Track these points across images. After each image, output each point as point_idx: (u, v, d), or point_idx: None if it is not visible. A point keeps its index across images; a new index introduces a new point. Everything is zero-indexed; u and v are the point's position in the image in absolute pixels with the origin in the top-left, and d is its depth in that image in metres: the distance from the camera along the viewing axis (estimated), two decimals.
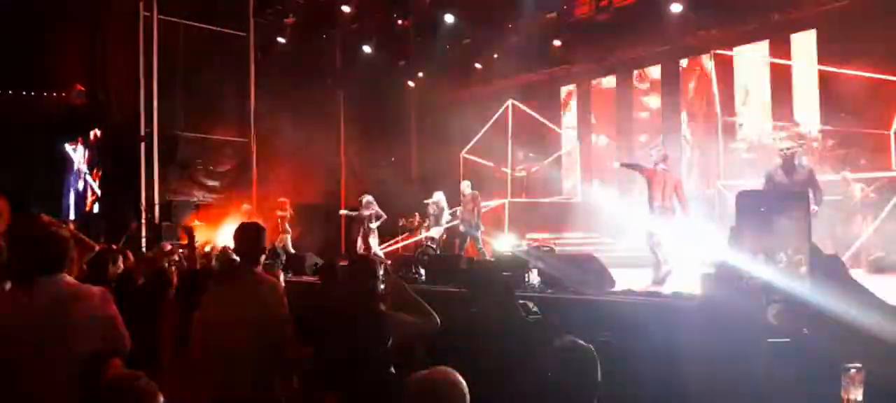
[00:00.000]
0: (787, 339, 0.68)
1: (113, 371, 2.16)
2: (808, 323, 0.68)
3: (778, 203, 0.75)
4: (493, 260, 9.50)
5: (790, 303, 0.67)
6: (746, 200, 0.76)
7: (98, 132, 15.85)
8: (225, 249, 9.86)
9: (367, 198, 12.55)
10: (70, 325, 2.32)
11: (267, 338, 3.11)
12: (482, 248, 11.09)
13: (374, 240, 12.49)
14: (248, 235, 3.36)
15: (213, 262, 5.80)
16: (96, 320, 2.36)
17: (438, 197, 12.12)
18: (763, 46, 12.42)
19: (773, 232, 0.69)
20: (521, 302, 5.87)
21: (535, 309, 5.84)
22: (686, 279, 7.74)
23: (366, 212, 12.38)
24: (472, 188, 11.52)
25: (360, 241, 12.62)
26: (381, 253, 12.00)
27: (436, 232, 11.96)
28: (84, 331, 2.32)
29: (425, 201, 12.51)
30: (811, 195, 6.43)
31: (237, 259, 3.50)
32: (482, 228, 11.25)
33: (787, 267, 0.68)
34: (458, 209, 11.73)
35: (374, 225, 12.40)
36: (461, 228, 11.27)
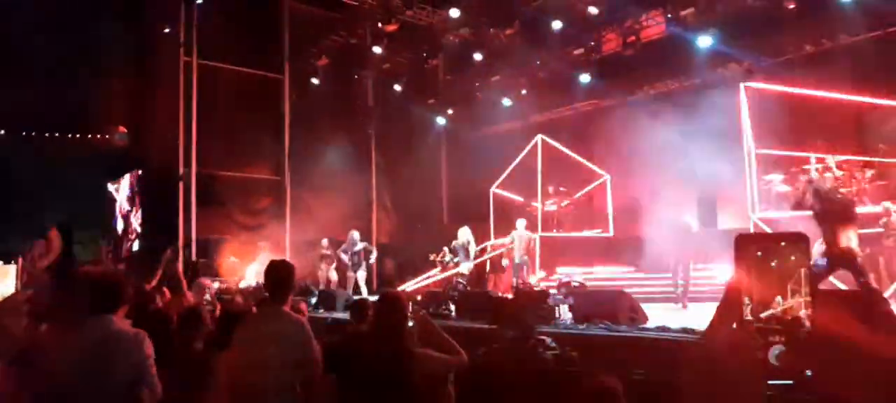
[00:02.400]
0: (790, 381, 0.67)
1: None
2: (811, 364, 0.69)
3: (775, 246, 0.75)
4: (512, 296, 9.50)
5: (792, 344, 0.68)
6: (743, 243, 0.77)
7: (139, 172, 16.39)
8: (259, 286, 10.05)
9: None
10: (109, 366, 2.41)
11: (294, 376, 3.15)
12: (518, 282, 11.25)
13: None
14: (278, 273, 3.42)
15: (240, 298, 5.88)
16: (131, 362, 2.44)
17: (464, 232, 12.16)
18: (796, 78, 12.25)
19: (771, 275, 0.70)
20: (540, 337, 5.87)
21: (553, 344, 5.82)
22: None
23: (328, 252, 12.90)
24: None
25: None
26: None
27: (466, 267, 11.96)
28: (120, 372, 2.40)
29: (454, 244, 12.57)
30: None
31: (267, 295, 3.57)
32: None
33: (785, 311, 0.69)
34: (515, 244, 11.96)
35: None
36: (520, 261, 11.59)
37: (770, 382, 0.73)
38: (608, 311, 7.12)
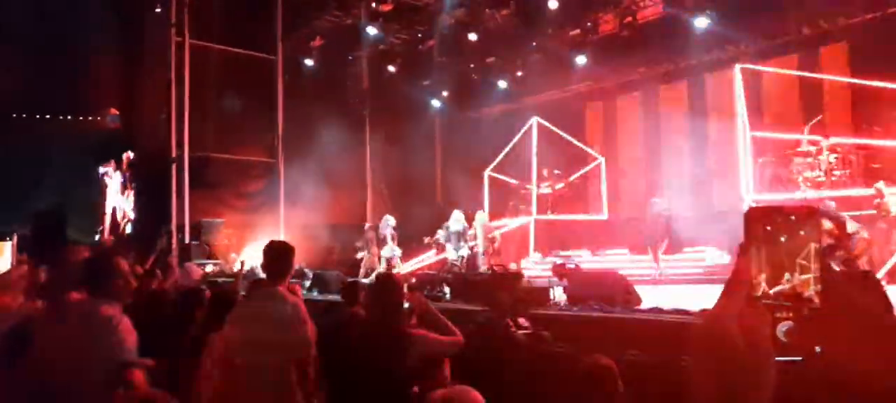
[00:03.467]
0: (799, 357, 0.66)
1: (136, 389, 2.20)
2: (820, 341, 0.67)
3: (785, 220, 0.73)
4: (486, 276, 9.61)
5: (800, 321, 0.66)
6: (753, 217, 0.75)
7: (131, 154, 16.27)
8: (252, 269, 10.04)
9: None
10: (91, 349, 2.37)
11: (287, 357, 3.13)
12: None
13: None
14: (276, 253, 3.39)
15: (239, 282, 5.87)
16: (113, 346, 2.39)
17: (457, 217, 12.13)
18: (792, 60, 12.24)
19: (780, 251, 0.68)
20: (514, 317, 5.94)
21: (527, 323, 5.89)
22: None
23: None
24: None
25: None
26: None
27: (457, 252, 11.93)
28: (102, 356, 2.36)
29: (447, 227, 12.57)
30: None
31: (264, 276, 3.54)
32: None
33: (794, 287, 0.67)
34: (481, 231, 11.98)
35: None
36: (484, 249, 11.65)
37: (779, 358, 0.71)
38: (602, 293, 7.13)
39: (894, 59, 10.14)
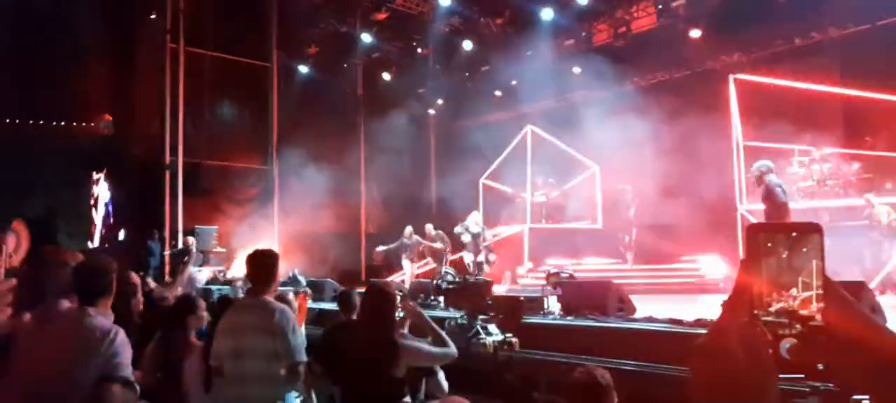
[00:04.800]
0: (802, 375, 0.65)
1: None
2: (823, 357, 0.67)
3: (786, 236, 0.73)
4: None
5: (803, 338, 0.65)
6: (754, 233, 0.75)
7: (125, 160, 16.17)
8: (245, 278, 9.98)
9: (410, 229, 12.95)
10: (79, 360, 2.32)
11: (274, 365, 3.10)
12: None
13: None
14: (259, 262, 3.36)
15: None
16: (103, 358, 2.34)
17: (476, 217, 12.01)
18: (785, 70, 12.31)
19: (784, 266, 0.67)
20: (481, 325, 5.98)
21: (495, 331, 5.91)
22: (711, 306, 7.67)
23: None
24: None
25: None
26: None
27: (481, 256, 11.82)
28: (92, 368, 2.31)
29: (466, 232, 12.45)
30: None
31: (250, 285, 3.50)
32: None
33: (799, 303, 0.66)
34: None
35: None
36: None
37: (782, 376, 0.70)
38: (597, 302, 7.13)
39: (884, 70, 10.22)
